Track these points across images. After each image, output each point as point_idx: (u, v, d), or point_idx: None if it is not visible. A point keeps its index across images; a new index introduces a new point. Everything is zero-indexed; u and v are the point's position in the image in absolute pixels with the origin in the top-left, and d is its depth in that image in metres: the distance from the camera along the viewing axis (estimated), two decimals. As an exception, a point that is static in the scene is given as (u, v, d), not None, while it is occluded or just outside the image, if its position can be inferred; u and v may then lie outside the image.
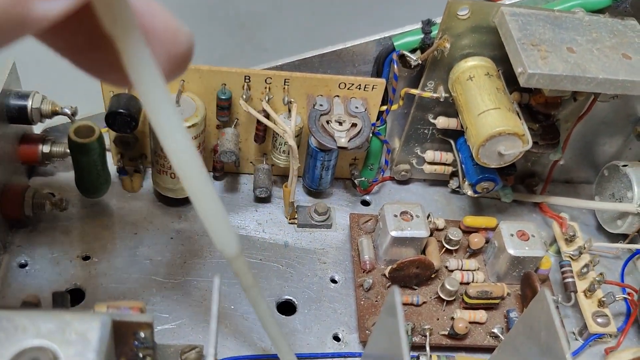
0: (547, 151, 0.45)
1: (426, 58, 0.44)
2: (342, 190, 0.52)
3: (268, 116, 0.45)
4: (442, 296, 0.44)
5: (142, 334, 0.32)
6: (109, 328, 0.28)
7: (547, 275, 0.45)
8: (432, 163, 0.50)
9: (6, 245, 0.44)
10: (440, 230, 0.47)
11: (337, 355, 0.42)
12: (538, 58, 0.38)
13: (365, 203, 0.52)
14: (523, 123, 0.41)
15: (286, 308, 0.44)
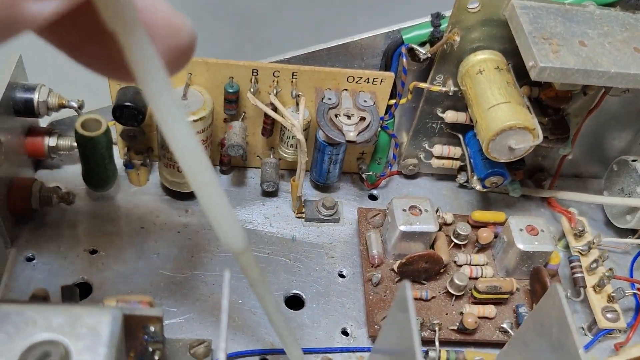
0: (557, 146, 0.45)
1: (435, 51, 0.43)
2: (350, 184, 0.51)
3: (276, 109, 0.45)
4: (451, 291, 0.43)
5: (152, 328, 0.32)
6: (120, 322, 0.28)
7: (556, 270, 0.45)
8: (440, 157, 0.50)
9: (13, 239, 0.44)
10: (448, 224, 0.47)
11: (346, 349, 0.42)
12: (549, 52, 0.38)
13: (372, 197, 0.51)
14: (533, 117, 0.41)
15: (294, 302, 0.44)
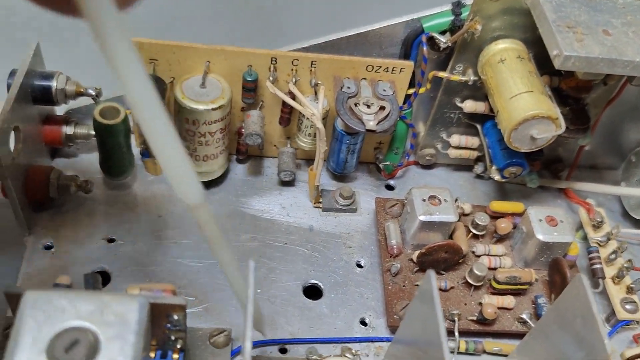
0: (577, 136, 0.45)
1: (456, 40, 0.43)
2: (366, 174, 0.51)
3: (294, 98, 0.44)
4: (470, 281, 0.43)
5: (175, 317, 0.32)
6: (147, 310, 0.28)
7: (575, 261, 0.45)
8: (458, 147, 0.50)
9: (31, 227, 0.44)
10: (466, 215, 0.47)
11: (365, 339, 0.42)
12: (574, 40, 0.37)
13: (389, 187, 0.51)
14: (556, 106, 0.40)
15: (312, 292, 0.44)
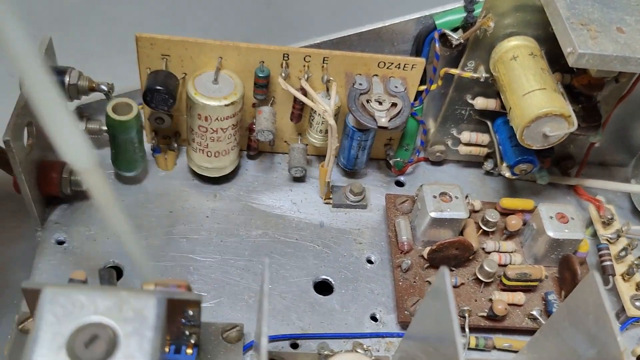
0: (588, 133, 0.45)
1: (468, 37, 0.43)
2: (376, 170, 0.51)
3: (306, 94, 0.45)
4: (480, 278, 0.43)
5: (190, 312, 0.32)
6: (165, 306, 0.28)
7: (585, 258, 0.45)
8: (468, 144, 0.50)
9: (43, 222, 0.44)
10: (476, 211, 0.47)
11: (376, 335, 0.42)
12: (588, 38, 0.37)
13: (399, 184, 0.51)
14: (568, 104, 0.40)
15: (323, 288, 0.44)
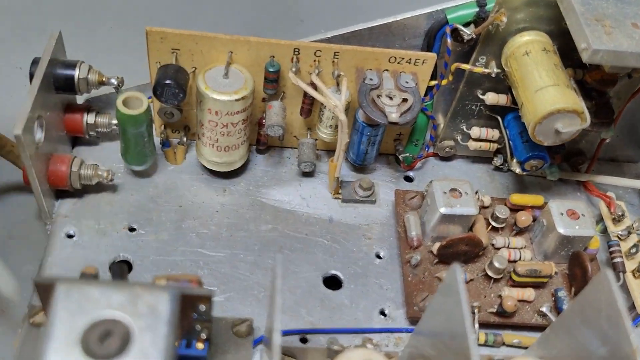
0: (601, 130, 0.45)
1: (480, 32, 0.43)
2: (385, 165, 0.51)
3: (316, 89, 0.44)
4: (490, 274, 0.43)
5: (202, 307, 0.32)
6: (179, 301, 0.28)
7: (595, 255, 0.45)
8: (478, 140, 0.50)
9: (52, 215, 0.44)
10: (486, 207, 0.47)
11: (385, 330, 0.42)
12: (602, 34, 0.37)
13: (408, 179, 0.51)
14: (581, 100, 0.40)
15: (332, 283, 0.44)
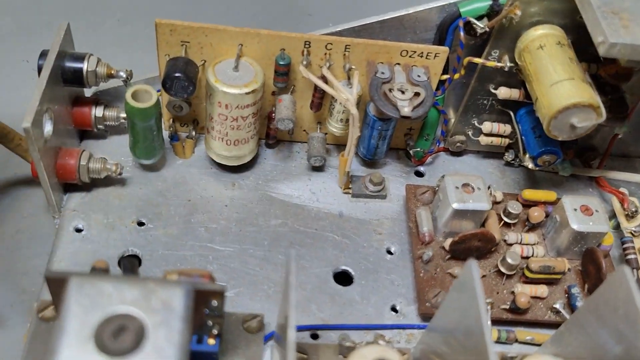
0: (615, 125, 0.44)
1: (494, 25, 0.42)
2: (395, 160, 0.51)
3: (327, 83, 0.44)
4: (503, 270, 0.43)
5: (214, 303, 0.32)
6: (192, 296, 0.27)
7: (608, 251, 0.44)
8: (489, 135, 0.49)
9: (61, 209, 0.44)
10: (497, 203, 0.46)
11: (396, 326, 0.42)
12: (619, 27, 0.36)
13: (418, 174, 0.51)
14: (597, 95, 0.40)
15: (343, 278, 0.44)
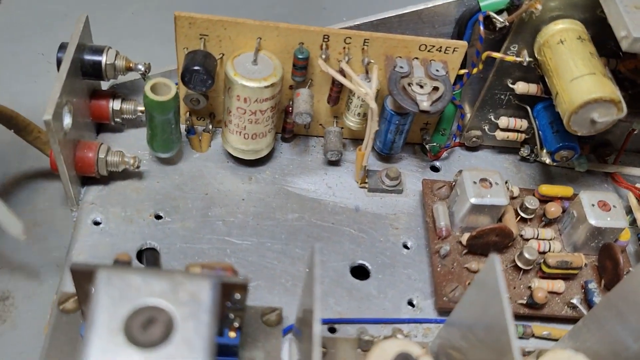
0: (634, 120, 0.44)
1: (513, 20, 0.42)
2: (411, 155, 0.51)
3: (345, 77, 0.44)
4: (520, 265, 0.43)
5: (237, 296, 0.32)
6: (219, 289, 0.28)
7: (625, 247, 0.45)
8: (506, 130, 0.49)
9: (79, 202, 0.44)
10: (514, 198, 0.46)
11: (413, 320, 0.42)
12: (642, 22, 0.36)
13: (434, 169, 0.51)
14: (617, 90, 0.40)
15: (360, 272, 0.44)
